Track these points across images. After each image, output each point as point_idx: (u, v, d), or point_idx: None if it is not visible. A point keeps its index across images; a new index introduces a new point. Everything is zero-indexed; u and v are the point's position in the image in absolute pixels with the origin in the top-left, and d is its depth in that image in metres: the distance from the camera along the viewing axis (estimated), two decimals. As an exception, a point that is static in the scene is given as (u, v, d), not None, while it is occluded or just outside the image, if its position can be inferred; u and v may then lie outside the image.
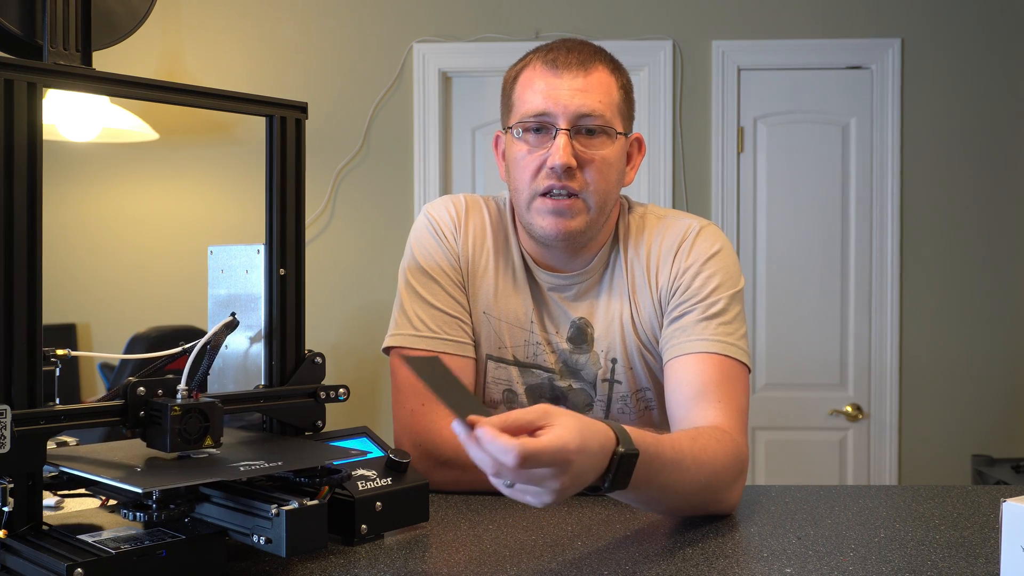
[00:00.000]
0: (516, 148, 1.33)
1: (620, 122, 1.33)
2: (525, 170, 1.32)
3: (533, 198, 1.32)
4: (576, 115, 1.28)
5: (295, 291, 1.11)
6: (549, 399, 1.41)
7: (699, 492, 1.11)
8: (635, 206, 1.45)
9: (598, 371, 1.41)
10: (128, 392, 0.95)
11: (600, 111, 1.29)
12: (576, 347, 1.41)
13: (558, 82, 1.29)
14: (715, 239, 1.38)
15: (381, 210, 3.34)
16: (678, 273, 1.35)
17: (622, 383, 1.40)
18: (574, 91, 1.29)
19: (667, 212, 1.44)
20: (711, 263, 1.35)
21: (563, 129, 1.28)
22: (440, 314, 1.37)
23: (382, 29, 3.34)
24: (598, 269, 1.40)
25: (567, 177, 1.28)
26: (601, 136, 1.30)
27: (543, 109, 1.29)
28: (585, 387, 1.41)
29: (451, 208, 1.42)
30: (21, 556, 0.86)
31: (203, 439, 0.95)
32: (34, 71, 0.90)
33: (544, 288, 1.41)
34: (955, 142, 3.30)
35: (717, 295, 1.33)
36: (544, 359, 1.41)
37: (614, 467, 0.94)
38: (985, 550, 1.02)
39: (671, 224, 1.40)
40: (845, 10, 3.29)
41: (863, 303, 3.31)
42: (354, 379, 3.13)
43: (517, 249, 1.41)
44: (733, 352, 1.29)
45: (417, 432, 1.31)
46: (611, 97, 1.31)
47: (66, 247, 3.30)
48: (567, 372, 1.41)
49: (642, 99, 3.30)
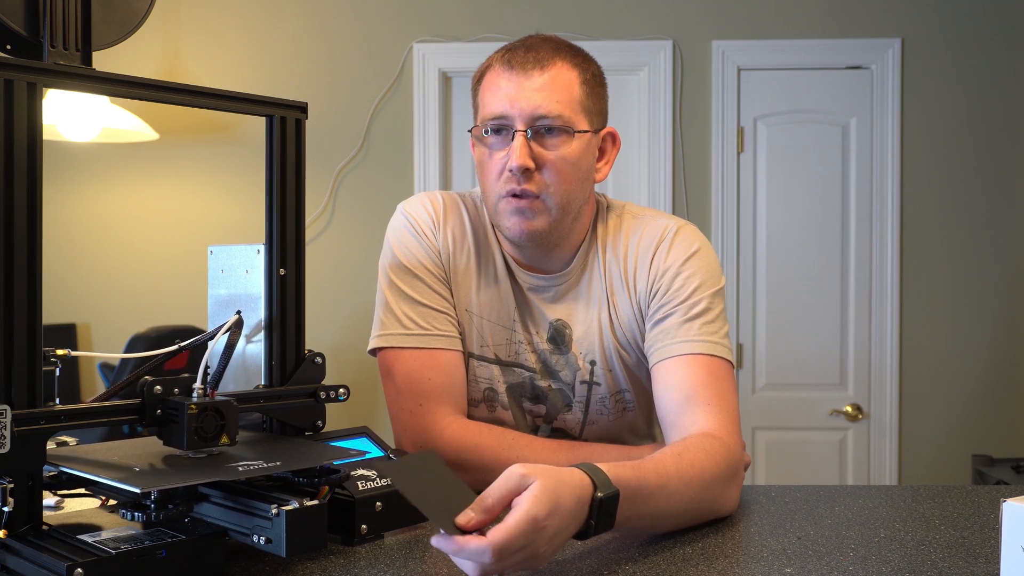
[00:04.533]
0: (480, 150, 1.34)
1: (584, 119, 1.31)
2: (490, 173, 1.32)
3: (499, 200, 1.31)
4: (532, 116, 1.27)
5: (295, 291, 1.11)
6: (530, 398, 1.41)
7: (691, 509, 1.10)
8: (612, 205, 1.44)
9: (577, 373, 1.40)
10: (145, 390, 0.95)
11: (558, 111, 1.27)
12: (555, 348, 1.40)
13: (516, 82, 1.28)
14: (693, 239, 1.37)
15: (381, 210, 3.32)
16: (657, 275, 1.35)
17: (601, 385, 1.40)
18: (531, 91, 1.27)
19: (644, 211, 1.43)
20: (690, 263, 1.34)
21: (520, 131, 1.27)
22: (428, 310, 1.35)
23: (382, 29, 3.34)
24: (576, 271, 1.39)
25: (525, 179, 1.28)
26: (560, 135, 1.28)
27: (500, 111, 1.29)
28: (564, 388, 1.41)
29: (428, 205, 1.40)
30: (21, 556, 0.86)
31: (219, 437, 0.95)
32: (34, 71, 0.90)
33: (524, 288, 1.40)
34: (955, 142, 3.30)
35: (698, 295, 1.32)
36: (525, 358, 1.40)
37: (594, 513, 0.93)
38: (985, 550, 1.02)
39: (648, 224, 1.39)
40: (845, 10, 3.29)
41: (863, 303, 3.31)
42: (354, 379, 3.12)
43: (498, 248, 1.40)
44: (718, 351, 1.29)
45: (416, 432, 1.31)
46: (571, 94, 1.29)
47: (66, 247, 3.30)
48: (546, 373, 1.41)
49: (642, 99, 3.30)
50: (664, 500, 1.04)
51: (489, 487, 0.89)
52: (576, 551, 1.02)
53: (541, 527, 0.87)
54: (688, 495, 1.08)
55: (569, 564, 0.98)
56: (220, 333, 1.05)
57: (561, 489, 0.90)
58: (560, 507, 0.89)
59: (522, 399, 1.42)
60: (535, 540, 0.87)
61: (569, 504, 0.90)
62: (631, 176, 3.32)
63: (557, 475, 0.91)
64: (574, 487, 0.92)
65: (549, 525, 0.88)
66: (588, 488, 0.94)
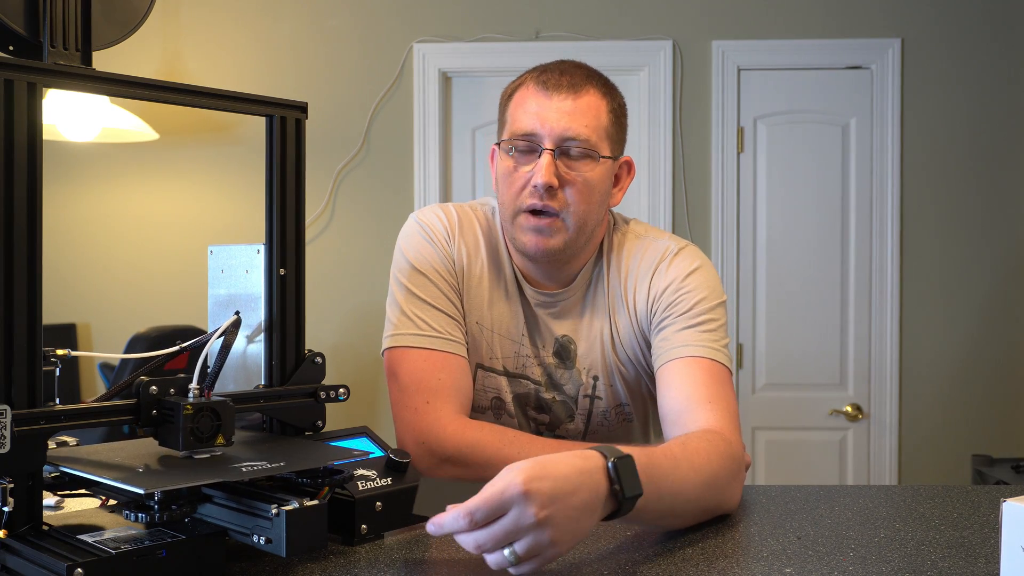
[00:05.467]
0: (504, 164, 1.36)
1: (607, 146, 1.35)
2: (511, 186, 1.35)
3: (517, 214, 1.35)
4: (562, 137, 1.31)
5: (295, 291, 1.11)
6: (535, 407, 1.46)
7: (702, 498, 1.09)
8: (619, 223, 1.47)
9: (580, 387, 1.44)
10: (140, 391, 0.95)
11: (586, 135, 1.31)
12: (561, 363, 1.44)
13: (548, 103, 1.32)
14: (693, 258, 1.40)
15: (381, 210, 3.34)
16: (656, 294, 1.38)
17: (602, 399, 1.44)
18: (562, 113, 1.31)
19: (647, 231, 1.46)
20: (691, 279, 1.37)
21: (548, 149, 1.31)
22: (440, 314, 1.38)
23: (382, 29, 3.34)
24: (581, 287, 1.43)
25: (548, 196, 1.31)
26: (586, 160, 1.32)
27: (531, 129, 1.32)
28: (567, 400, 1.45)
29: (442, 216, 1.44)
30: (21, 556, 0.86)
31: (215, 438, 0.95)
32: (34, 71, 0.90)
33: (532, 304, 1.44)
34: (955, 142, 3.30)
35: (700, 307, 1.35)
36: (532, 371, 1.44)
37: (616, 476, 0.92)
38: (985, 550, 1.02)
39: (649, 245, 1.43)
40: (845, 10, 3.29)
41: (863, 303, 3.31)
42: (354, 379, 3.13)
43: (508, 263, 1.44)
44: (719, 357, 1.32)
45: (420, 430, 1.32)
46: (599, 121, 1.33)
47: (66, 247, 3.30)
48: (551, 386, 1.45)
49: (642, 99, 3.30)
50: (678, 481, 1.04)
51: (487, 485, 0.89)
52: (576, 552, 1.02)
53: (521, 492, 0.84)
54: (697, 481, 1.08)
55: (569, 564, 0.98)
56: (217, 335, 1.05)
57: (547, 461, 0.88)
58: (547, 473, 0.87)
59: (527, 408, 1.46)
60: (525, 506, 0.84)
61: (564, 470, 0.88)
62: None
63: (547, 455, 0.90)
64: (568, 457, 0.90)
65: (537, 490, 0.85)
66: (593, 458, 0.92)
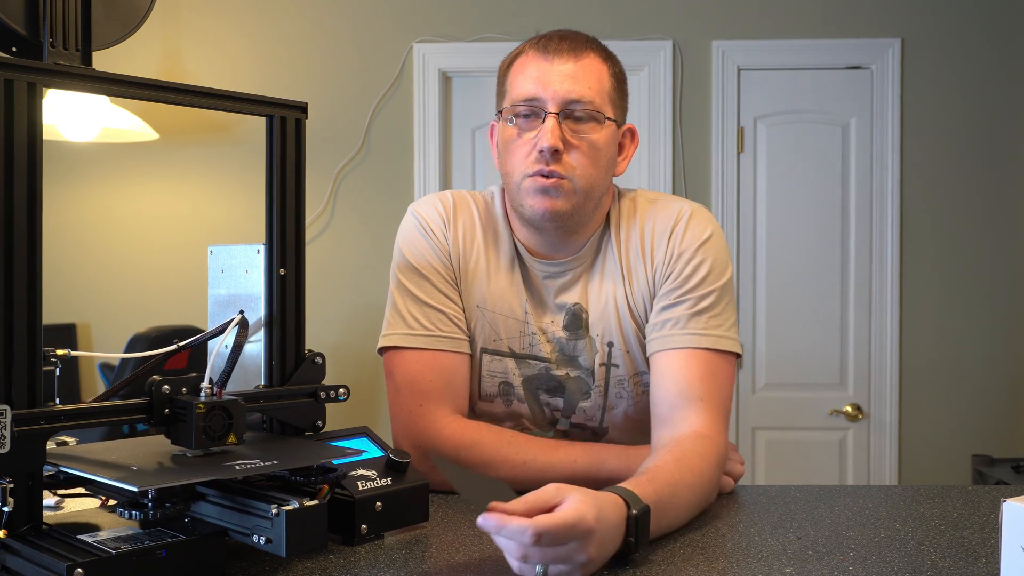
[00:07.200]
0: (507, 132, 1.35)
1: (611, 109, 1.34)
2: (515, 153, 1.34)
3: (523, 179, 1.33)
4: (565, 100, 1.30)
5: (295, 291, 1.11)
6: (546, 390, 1.42)
7: (694, 511, 1.16)
8: (625, 192, 1.46)
9: (595, 356, 1.41)
10: (153, 390, 0.96)
11: (589, 97, 1.31)
12: (572, 333, 1.41)
13: (549, 67, 1.32)
14: (707, 223, 1.39)
15: (381, 210, 3.34)
16: (672, 256, 1.36)
17: (619, 367, 1.41)
18: (564, 76, 1.31)
19: (658, 196, 1.45)
20: (703, 250, 1.36)
21: (552, 113, 1.30)
22: (433, 311, 1.37)
23: (382, 29, 3.34)
24: (589, 255, 1.41)
25: (554, 160, 1.30)
26: (590, 122, 1.31)
27: (533, 94, 1.31)
28: (582, 375, 1.41)
29: (438, 205, 1.42)
30: (21, 556, 0.86)
31: (227, 436, 0.96)
32: (34, 71, 0.90)
33: (538, 277, 1.41)
34: (955, 142, 3.30)
35: (707, 287, 1.34)
36: (540, 349, 1.41)
37: (632, 530, 0.97)
38: (985, 550, 1.02)
39: (663, 207, 1.41)
40: (845, 10, 3.29)
41: (863, 303, 3.31)
42: (354, 379, 3.13)
43: (509, 240, 1.42)
44: (721, 344, 1.31)
45: (416, 432, 1.32)
46: (601, 84, 1.33)
47: (66, 247, 3.30)
48: (564, 360, 1.41)
49: (642, 99, 3.30)
50: (675, 510, 1.09)
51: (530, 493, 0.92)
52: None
53: (591, 529, 0.90)
54: (692, 500, 1.14)
55: (569, 564, 0.98)
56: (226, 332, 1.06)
57: (602, 503, 0.94)
58: (605, 518, 0.93)
59: (539, 391, 1.42)
60: (583, 541, 0.89)
61: (612, 518, 0.94)
62: (631, 175, 3.31)
63: (594, 492, 0.95)
64: (612, 504, 0.96)
65: (598, 530, 0.91)
66: (623, 506, 0.97)
